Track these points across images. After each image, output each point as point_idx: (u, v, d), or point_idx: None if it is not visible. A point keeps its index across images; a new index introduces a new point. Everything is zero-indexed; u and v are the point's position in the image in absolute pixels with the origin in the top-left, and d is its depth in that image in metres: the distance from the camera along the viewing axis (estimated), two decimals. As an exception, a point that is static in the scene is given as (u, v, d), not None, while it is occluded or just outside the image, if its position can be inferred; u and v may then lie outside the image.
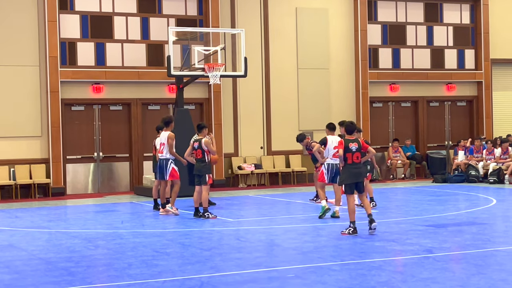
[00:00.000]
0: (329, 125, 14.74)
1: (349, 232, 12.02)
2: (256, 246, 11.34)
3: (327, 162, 14.28)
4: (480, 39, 25.85)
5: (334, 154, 14.04)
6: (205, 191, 14.77)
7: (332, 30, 24.18)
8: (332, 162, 14.20)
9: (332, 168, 14.20)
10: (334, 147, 14.07)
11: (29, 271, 9.60)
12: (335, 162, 14.06)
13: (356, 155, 12.16)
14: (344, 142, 12.27)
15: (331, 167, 14.22)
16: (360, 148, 12.24)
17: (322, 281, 8.57)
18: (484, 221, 13.65)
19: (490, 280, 8.43)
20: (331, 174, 14.20)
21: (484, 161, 22.75)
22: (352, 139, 12.30)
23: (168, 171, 15.45)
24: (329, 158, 14.25)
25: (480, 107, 25.93)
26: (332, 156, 14.14)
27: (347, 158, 12.17)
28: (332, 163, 14.20)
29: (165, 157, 15.49)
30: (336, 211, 14.22)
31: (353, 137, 12.38)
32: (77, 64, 21.29)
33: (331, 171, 14.20)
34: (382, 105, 25.14)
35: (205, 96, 22.48)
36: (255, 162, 22.97)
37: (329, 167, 14.25)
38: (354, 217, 12.11)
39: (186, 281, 8.75)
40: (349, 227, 12.10)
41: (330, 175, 14.23)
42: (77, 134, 21.40)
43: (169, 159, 15.46)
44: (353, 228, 12.04)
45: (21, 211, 17.26)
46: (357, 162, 12.19)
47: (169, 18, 22.24)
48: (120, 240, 12.06)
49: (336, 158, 13.81)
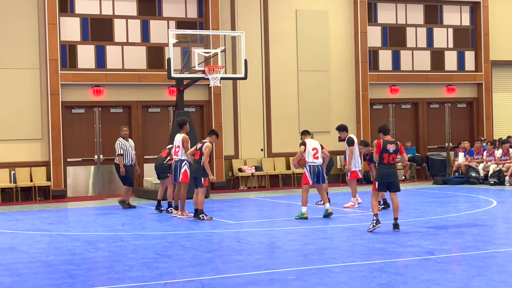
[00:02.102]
0: (304, 132, 15.61)
1: (373, 225, 12.53)
2: (257, 248, 11.35)
3: (308, 164, 14.57)
4: (480, 40, 25.86)
5: (314, 155, 14.54)
6: (200, 193, 14.89)
7: (332, 32, 24.19)
8: (313, 163, 14.53)
9: (314, 170, 14.55)
10: (313, 148, 14.62)
11: (30, 273, 9.61)
12: (316, 164, 14.55)
13: (392, 156, 12.75)
14: (382, 143, 12.76)
15: (313, 168, 14.56)
16: (397, 151, 12.79)
17: (323, 283, 8.58)
18: (484, 222, 13.66)
19: (491, 282, 8.43)
20: (314, 175, 14.54)
21: (485, 162, 22.76)
22: (391, 141, 12.85)
23: (181, 172, 15.47)
24: (310, 159, 14.56)
25: (480, 108, 25.93)
26: (313, 157, 14.55)
27: (384, 158, 12.71)
28: (313, 165, 14.56)
29: (179, 159, 15.53)
30: (327, 208, 14.66)
31: (391, 139, 12.93)
32: (78, 67, 21.31)
33: (313, 172, 14.54)
34: (382, 107, 25.15)
35: (206, 99, 22.49)
36: (255, 164, 22.98)
37: (311, 169, 14.56)
38: (377, 210, 12.69)
39: (187, 283, 8.76)
40: (373, 220, 12.57)
41: (313, 176, 14.53)
42: (77, 137, 21.41)
43: (183, 160, 15.49)
44: (376, 219, 12.52)
45: (22, 213, 17.27)
46: (392, 162, 12.77)
47: (169, 20, 22.26)
48: (121, 243, 12.06)
49: (317, 160, 14.57)
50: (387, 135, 13.06)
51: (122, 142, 17.55)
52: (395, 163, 12.88)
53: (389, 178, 12.72)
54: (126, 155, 17.53)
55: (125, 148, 17.53)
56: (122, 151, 17.45)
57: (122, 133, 17.73)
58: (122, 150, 17.46)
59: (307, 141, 14.90)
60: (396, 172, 13.01)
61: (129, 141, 17.81)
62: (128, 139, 17.75)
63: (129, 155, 17.58)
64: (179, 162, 15.51)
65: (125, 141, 17.63)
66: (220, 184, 22.08)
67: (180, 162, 15.49)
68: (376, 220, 12.55)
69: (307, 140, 14.93)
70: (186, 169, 15.40)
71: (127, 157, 17.55)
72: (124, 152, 17.49)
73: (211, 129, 16.02)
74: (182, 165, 15.44)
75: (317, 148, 14.73)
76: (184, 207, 15.58)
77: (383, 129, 13.16)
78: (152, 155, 21.67)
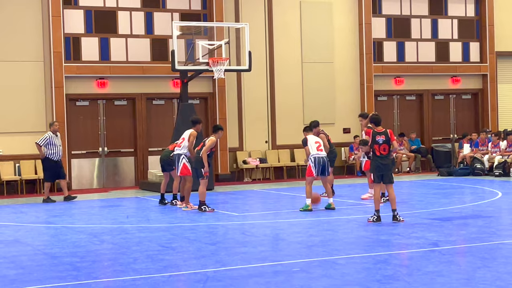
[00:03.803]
0: (305, 128, 15.37)
1: (373, 220, 12.57)
2: (261, 240, 11.35)
3: (313, 156, 14.54)
4: (485, 31, 25.77)
5: (317, 147, 14.55)
6: (202, 185, 14.97)
7: (337, 24, 24.13)
8: (318, 155, 14.52)
9: (319, 161, 14.53)
10: (315, 141, 14.68)
11: (34, 266, 9.62)
12: (321, 155, 14.54)
13: (383, 146, 12.65)
14: (372, 134, 12.74)
15: (317, 160, 14.54)
16: (388, 141, 12.70)
17: (328, 275, 8.57)
18: (489, 214, 13.63)
19: (496, 273, 8.42)
20: (319, 167, 14.52)
21: (490, 154, 22.71)
22: (380, 132, 12.79)
23: (180, 166, 15.48)
24: (314, 151, 14.56)
25: (485, 100, 25.86)
26: (317, 149, 14.54)
27: (375, 149, 12.66)
28: (318, 156, 14.54)
29: (178, 153, 15.55)
30: (330, 203, 14.67)
31: (381, 130, 12.84)
32: (82, 59, 21.30)
33: (318, 164, 14.52)
34: (387, 98, 25.10)
35: (210, 91, 22.47)
36: (260, 156, 22.97)
37: (315, 160, 14.54)
38: (379, 205, 12.68)
39: (191, 275, 8.76)
40: (374, 215, 12.59)
41: (318, 168, 14.53)
42: (82, 129, 21.41)
43: (181, 154, 15.49)
44: (377, 216, 12.55)
45: (26, 206, 17.29)
46: (384, 154, 12.67)
47: (173, 12, 22.22)
48: (126, 235, 12.07)
49: (321, 151, 14.59)
50: (378, 126, 12.93)
51: (50, 136, 17.87)
52: (387, 155, 12.76)
53: (381, 171, 12.64)
54: (53, 150, 17.82)
55: (52, 143, 17.81)
56: (46, 145, 17.76)
57: (53, 128, 18.01)
58: (49, 144, 17.78)
59: (308, 137, 14.93)
60: (389, 165, 12.91)
61: (58, 136, 18.04)
62: (57, 134, 18.03)
63: (56, 151, 17.84)
64: (177, 156, 15.54)
65: (54, 135, 17.93)
66: (224, 176, 22.08)
67: (178, 156, 15.51)
68: (377, 216, 12.54)
69: (309, 137, 14.96)
70: (184, 162, 15.44)
71: (54, 152, 17.81)
72: (51, 146, 17.80)
73: (214, 125, 16.00)
74: (181, 159, 15.47)
75: (319, 141, 14.79)
76: (188, 199, 15.59)
77: (375, 120, 13.05)
78: (156, 147, 21.68)
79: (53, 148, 17.84)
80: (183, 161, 15.46)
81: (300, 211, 14.48)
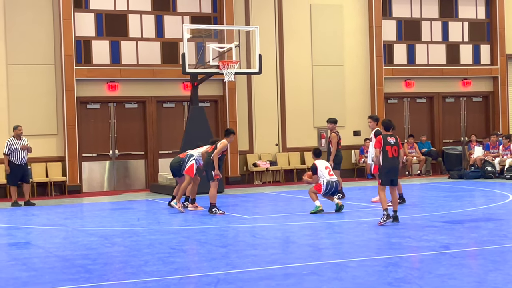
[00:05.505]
0: (315, 152, 15.15)
1: (383, 220, 12.57)
2: (272, 243, 11.34)
3: (327, 180, 14.54)
4: (496, 34, 25.71)
5: (329, 173, 14.60)
6: (212, 187, 15.02)
7: (347, 27, 24.13)
8: (330, 180, 14.55)
9: (331, 187, 14.58)
10: (325, 167, 14.68)
11: (46, 268, 9.65)
12: (333, 180, 14.59)
13: (394, 148, 12.82)
14: (382, 138, 12.89)
15: (330, 185, 14.58)
16: (397, 143, 12.90)
17: (339, 277, 8.57)
18: (501, 217, 13.58)
19: (507, 276, 8.39)
20: (329, 190, 14.60)
21: (501, 157, 22.63)
22: (390, 135, 12.98)
23: (187, 165, 15.59)
24: (327, 177, 14.52)
25: (496, 102, 25.80)
26: (328, 174, 14.56)
27: (387, 151, 12.77)
28: (331, 181, 14.57)
29: (191, 153, 15.81)
30: (338, 202, 14.71)
31: (390, 133, 13.05)
32: (92, 63, 21.37)
33: (330, 188, 14.58)
34: (397, 101, 25.07)
35: (220, 94, 22.50)
36: (270, 159, 22.97)
37: (327, 184, 14.58)
38: (386, 205, 12.70)
39: (202, 278, 8.77)
40: (383, 215, 12.62)
41: (328, 191, 14.61)
42: (92, 132, 21.48)
43: (194, 155, 15.70)
44: (386, 214, 12.58)
45: (38, 209, 17.35)
46: (395, 155, 12.83)
47: (183, 15, 22.27)
48: (137, 238, 12.10)
49: (332, 176, 14.67)
50: (388, 131, 13.13)
51: (12, 141, 17.96)
52: (398, 157, 12.91)
53: (392, 176, 12.76)
54: (15, 154, 17.89)
55: (14, 148, 17.90)
56: (10, 152, 17.86)
57: (17, 132, 18.08)
58: (9, 150, 17.87)
59: (316, 162, 14.81)
60: (398, 168, 13.02)
61: (22, 139, 18.08)
62: (21, 138, 18.08)
63: (18, 155, 17.94)
64: (189, 155, 15.76)
65: (17, 140, 17.98)
66: (234, 179, 22.11)
67: (190, 156, 15.74)
68: (386, 215, 12.58)
69: (317, 162, 14.82)
70: (193, 163, 15.55)
71: (16, 156, 17.92)
72: (13, 151, 17.88)
73: (226, 129, 16.14)
74: (191, 159, 15.67)
75: (328, 166, 14.86)
76: (180, 198, 15.76)
77: (385, 125, 13.26)
78: (167, 150, 21.74)
79: (15, 152, 17.93)
80: (192, 162, 15.59)
81: (310, 213, 14.48)
